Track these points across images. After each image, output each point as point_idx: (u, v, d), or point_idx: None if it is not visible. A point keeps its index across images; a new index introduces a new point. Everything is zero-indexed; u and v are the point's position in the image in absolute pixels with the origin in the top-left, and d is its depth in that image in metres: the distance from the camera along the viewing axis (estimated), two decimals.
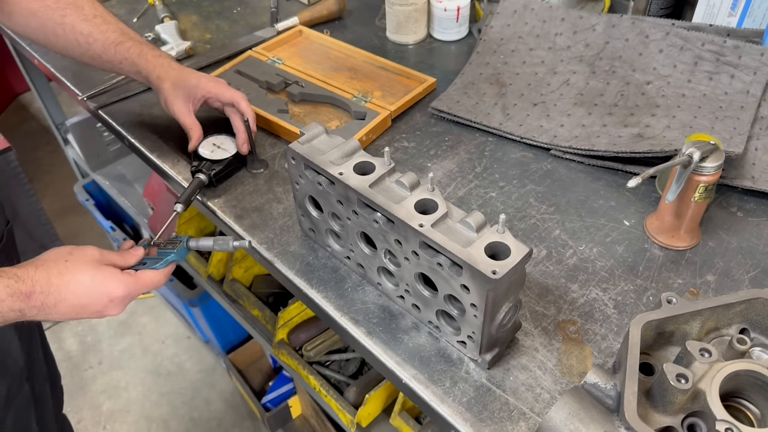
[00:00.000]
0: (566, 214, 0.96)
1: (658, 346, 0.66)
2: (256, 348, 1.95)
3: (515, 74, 1.21)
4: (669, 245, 0.90)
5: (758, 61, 1.06)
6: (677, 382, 0.55)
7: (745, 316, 0.65)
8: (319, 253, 0.93)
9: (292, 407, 1.80)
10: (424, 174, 1.03)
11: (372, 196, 0.73)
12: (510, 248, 0.66)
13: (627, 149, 0.99)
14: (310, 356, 1.43)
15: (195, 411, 2.08)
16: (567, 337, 0.80)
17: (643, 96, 1.11)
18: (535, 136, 1.08)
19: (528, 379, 0.76)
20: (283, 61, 1.26)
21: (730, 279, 0.86)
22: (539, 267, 0.88)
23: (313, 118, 1.15)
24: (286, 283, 0.92)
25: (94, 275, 0.75)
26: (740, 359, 0.59)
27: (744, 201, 0.97)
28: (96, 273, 0.76)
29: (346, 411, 1.32)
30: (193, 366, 2.20)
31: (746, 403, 0.61)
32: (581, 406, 0.59)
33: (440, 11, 1.33)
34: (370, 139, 1.11)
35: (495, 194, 1.00)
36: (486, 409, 0.73)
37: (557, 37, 1.23)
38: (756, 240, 0.91)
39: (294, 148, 0.81)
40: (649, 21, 1.16)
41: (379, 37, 1.39)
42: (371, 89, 1.20)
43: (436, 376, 0.77)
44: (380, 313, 0.84)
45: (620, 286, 0.86)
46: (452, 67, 1.27)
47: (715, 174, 0.83)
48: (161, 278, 0.83)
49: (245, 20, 1.47)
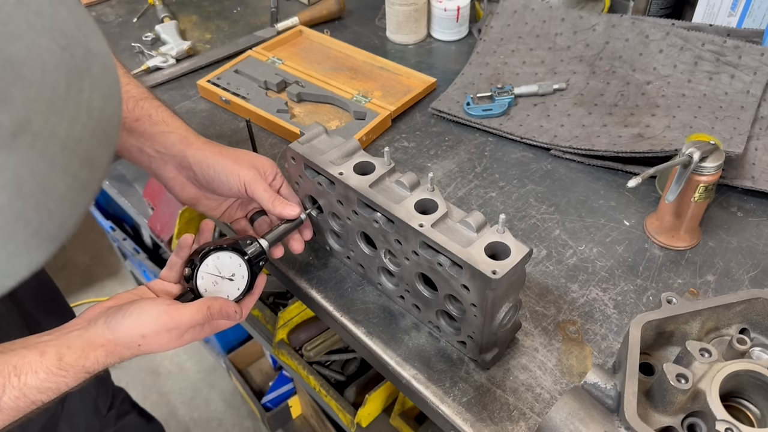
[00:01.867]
0: (566, 214, 0.96)
1: (658, 346, 0.66)
2: (256, 348, 1.95)
3: (515, 74, 1.21)
4: (669, 245, 0.90)
5: (758, 61, 1.06)
6: (677, 382, 0.55)
7: (745, 316, 0.65)
8: (319, 253, 0.93)
9: (292, 407, 1.80)
10: (424, 174, 1.03)
11: (372, 196, 0.73)
12: (510, 248, 0.66)
13: (627, 149, 0.99)
14: (310, 356, 1.43)
15: (195, 411, 2.08)
16: (567, 337, 0.80)
17: (643, 96, 1.11)
18: (535, 136, 1.08)
19: (528, 379, 0.76)
20: (283, 61, 1.26)
21: (730, 279, 0.86)
22: (539, 267, 0.88)
23: (313, 118, 1.15)
24: (286, 283, 0.92)
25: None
26: (740, 359, 0.59)
27: (744, 201, 0.97)
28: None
29: (346, 411, 1.32)
30: (193, 366, 2.20)
31: (746, 403, 0.61)
32: (581, 406, 0.59)
33: (440, 11, 1.33)
34: (370, 139, 1.11)
35: (495, 194, 1.00)
36: (486, 409, 0.73)
37: (557, 37, 1.23)
38: (756, 240, 0.91)
39: (294, 148, 0.81)
40: (649, 21, 1.16)
41: (379, 37, 1.39)
42: (371, 89, 1.20)
43: (436, 376, 0.77)
44: (380, 313, 0.84)
45: (620, 286, 0.86)
46: (452, 67, 1.27)
47: (715, 174, 0.82)
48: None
49: (245, 20, 1.47)
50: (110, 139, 0.42)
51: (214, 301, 0.71)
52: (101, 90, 0.41)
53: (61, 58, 0.39)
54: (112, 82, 0.43)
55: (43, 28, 0.39)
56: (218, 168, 0.79)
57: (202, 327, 0.72)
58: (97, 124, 0.40)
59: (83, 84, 0.40)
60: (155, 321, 0.67)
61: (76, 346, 0.64)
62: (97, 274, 2.54)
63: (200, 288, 0.74)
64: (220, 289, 0.75)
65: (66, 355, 0.63)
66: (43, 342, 0.63)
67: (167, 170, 0.81)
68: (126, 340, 0.66)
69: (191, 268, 0.74)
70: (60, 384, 0.62)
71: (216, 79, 1.23)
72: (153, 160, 0.81)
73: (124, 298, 0.72)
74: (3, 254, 0.38)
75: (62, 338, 0.65)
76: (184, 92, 1.26)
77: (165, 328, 0.67)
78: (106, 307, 0.70)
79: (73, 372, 0.63)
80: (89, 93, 0.40)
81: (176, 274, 0.76)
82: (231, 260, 0.75)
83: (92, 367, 0.64)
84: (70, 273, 2.54)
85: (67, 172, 0.39)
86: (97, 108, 0.41)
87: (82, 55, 0.40)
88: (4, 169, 0.36)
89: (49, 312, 1.06)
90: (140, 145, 0.81)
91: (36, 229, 0.39)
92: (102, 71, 0.42)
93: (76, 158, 0.39)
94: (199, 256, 0.73)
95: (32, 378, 0.61)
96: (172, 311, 0.68)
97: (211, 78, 1.23)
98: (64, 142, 0.38)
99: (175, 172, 0.81)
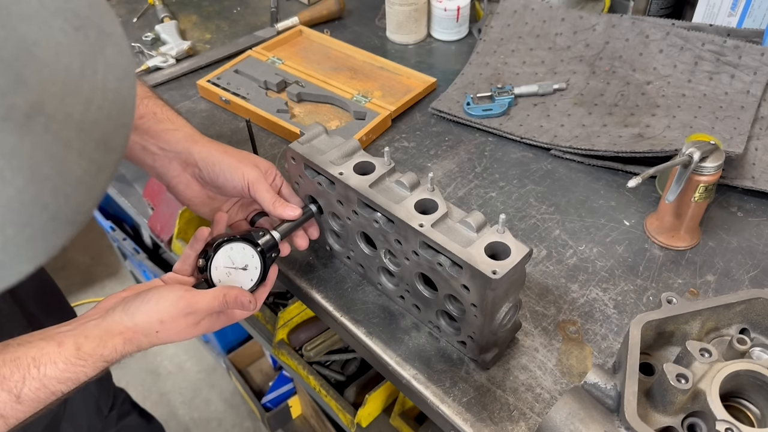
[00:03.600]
0: (566, 214, 0.96)
1: (658, 346, 0.65)
2: (256, 348, 1.95)
3: (515, 74, 1.21)
4: (669, 245, 0.90)
5: (758, 61, 1.06)
6: (677, 382, 0.55)
7: (745, 316, 0.65)
8: (319, 253, 0.93)
9: (292, 407, 1.80)
10: (424, 174, 1.03)
11: (372, 196, 0.73)
12: (510, 248, 0.66)
13: (627, 149, 0.99)
14: (310, 356, 1.43)
15: (195, 411, 2.08)
16: (567, 337, 0.80)
17: (644, 96, 1.11)
18: (535, 136, 1.08)
19: (528, 379, 0.76)
20: (283, 61, 1.26)
21: (730, 279, 0.86)
22: (539, 267, 0.88)
23: (313, 118, 1.15)
24: (286, 283, 0.92)
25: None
26: (740, 359, 0.59)
27: (744, 201, 0.97)
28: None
29: (346, 411, 1.32)
30: (193, 366, 2.20)
31: (746, 403, 0.61)
32: (581, 406, 0.59)
33: (440, 11, 1.33)
34: (370, 139, 1.11)
35: (495, 194, 1.00)
36: (486, 409, 0.73)
37: (557, 37, 1.23)
38: (756, 240, 0.91)
39: (294, 148, 0.81)
40: (649, 21, 1.16)
41: (379, 37, 1.39)
42: (371, 89, 1.20)
43: (436, 376, 0.77)
44: (380, 313, 0.84)
45: (620, 286, 0.86)
46: (452, 67, 1.27)
47: (715, 174, 0.82)
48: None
49: (245, 20, 1.47)
50: (126, 121, 0.42)
51: (230, 290, 0.71)
52: (115, 71, 0.41)
53: (74, 38, 0.38)
54: (127, 64, 0.43)
55: (56, 9, 0.38)
56: (224, 165, 0.78)
57: (218, 316, 0.72)
58: (111, 105, 0.40)
59: (97, 65, 0.39)
60: (173, 306, 0.67)
61: (94, 335, 0.64)
62: (97, 274, 2.54)
63: (214, 278, 0.74)
64: (233, 280, 0.75)
65: (84, 344, 0.63)
66: (61, 333, 0.64)
67: (171, 168, 0.81)
68: (144, 326, 0.66)
69: (205, 259, 0.74)
70: (79, 373, 0.62)
71: (216, 79, 1.23)
72: (157, 158, 0.81)
73: (140, 288, 0.72)
74: (21, 239, 0.37)
75: (80, 328, 0.65)
76: (184, 92, 1.26)
77: (182, 312, 0.67)
78: (121, 297, 0.70)
79: (92, 361, 0.63)
80: (103, 74, 0.40)
81: (189, 267, 0.76)
82: (244, 251, 0.75)
83: (110, 355, 0.64)
84: (70, 273, 2.54)
85: (83, 155, 0.38)
86: (111, 89, 0.40)
87: (96, 35, 0.40)
88: (20, 152, 0.35)
89: (51, 312, 1.05)
90: (144, 142, 0.80)
91: (53, 214, 0.38)
92: (116, 52, 0.41)
93: (91, 140, 0.39)
94: (212, 246, 0.74)
95: (51, 369, 0.61)
96: (189, 296, 0.68)
97: (211, 78, 1.23)
98: (79, 125, 0.38)
99: (180, 170, 0.81)
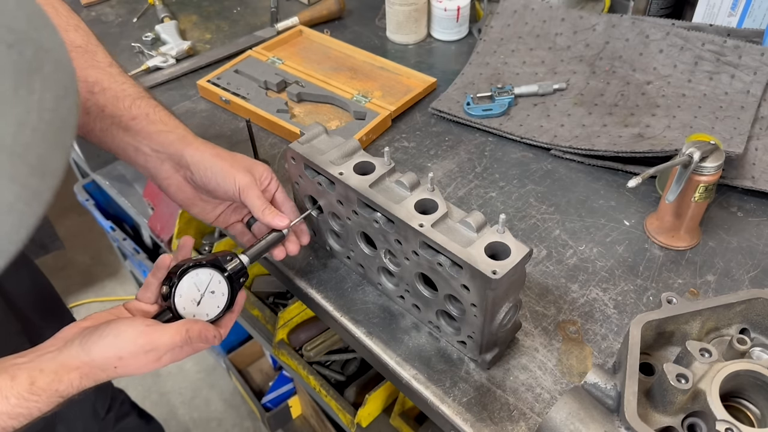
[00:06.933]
0: (566, 214, 0.96)
1: (658, 346, 0.65)
2: (256, 348, 1.95)
3: (515, 74, 1.21)
4: (669, 245, 0.90)
5: (758, 61, 1.06)
6: (677, 382, 0.55)
7: (745, 316, 0.65)
8: (319, 253, 0.93)
9: (292, 407, 1.80)
10: (424, 174, 1.03)
11: (372, 196, 0.73)
12: (510, 248, 0.66)
13: (627, 149, 0.99)
14: (310, 356, 1.43)
15: (195, 411, 2.08)
16: (567, 337, 0.80)
17: (644, 96, 1.11)
18: (535, 136, 1.08)
19: (528, 379, 0.76)
20: (283, 61, 1.26)
21: (730, 279, 0.86)
22: (539, 267, 0.88)
23: (313, 118, 1.15)
24: (286, 283, 0.92)
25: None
26: (740, 359, 0.59)
27: (744, 201, 0.97)
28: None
29: (346, 411, 1.32)
30: (193, 366, 2.20)
31: (746, 403, 0.61)
32: (581, 406, 0.59)
33: (440, 11, 1.33)
34: (370, 139, 1.11)
35: (495, 194, 1.00)
36: (486, 409, 0.73)
37: (557, 37, 1.23)
38: (756, 240, 0.91)
39: (294, 148, 0.81)
40: (649, 21, 1.15)
41: (379, 37, 1.39)
42: (371, 89, 1.20)
43: (436, 376, 0.77)
44: (380, 313, 0.84)
45: (620, 286, 0.86)
46: (452, 67, 1.27)
47: (715, 174, 0.82)
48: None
49: (245, 20, 1.47)
50: (64, 142, 0.39)
51: (194, 324, 0.68)
52: (54, 89, 0.38)
53: (7, 57, 0.36)
54: (67, 80, 0.40)
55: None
56: (215, 169, 0.77)
57: (182, 348, 0.69)
58: (48, 127, 0.37)
59: (33, 84, 0.37)
60: (132, 343, 0.64)
61: (49, 369, 0.62)
62: (97, 274, 2.54)
63: (178, 306, 0.71)
64: (199, 308, 0.72)
65: (38, 378, 0.61)
66: (15, 365, 0.61)
67: (163, 170, 0.80)
68: (102, 362, 0.64)
69: (169, 286, 0.71)
70: (32, 409, 0.60)
71: (216, 79, 1.23)
72: (149, 159, 0.80)
73: (101, 318, 0.69)
74: None
75: (35, 361, 0.62)
76: (184, 92, 1.26)
77: (143, 350, 0.65)
78: (82, 327, 0.68)
79: (46, 396, 0.61)
80: (40, 93, 0.37)
81: (152, 294, 0.73)
82: (211, 277, 0.72)
83: (66, 390, 0.62)
84: (70, 273, 2.54)
85: (15, 181, 0.36)
86: (48, 109, 0.38)
87: (33, 52, 0.37)
88: None
89: (47, 316, 1.05)
90: (136, 143, 0.79)
91: None
92: (54, 69, 0.39)
93: (24, 165, 0.36)
94: (177, 273, 0.71)
95: (2, 404, 0.59)
96: (150, 332, 0.65)
97: (211, 78, 1.23)
98: (11, 149, 0.35)
99: (172, 172, 0.80)
